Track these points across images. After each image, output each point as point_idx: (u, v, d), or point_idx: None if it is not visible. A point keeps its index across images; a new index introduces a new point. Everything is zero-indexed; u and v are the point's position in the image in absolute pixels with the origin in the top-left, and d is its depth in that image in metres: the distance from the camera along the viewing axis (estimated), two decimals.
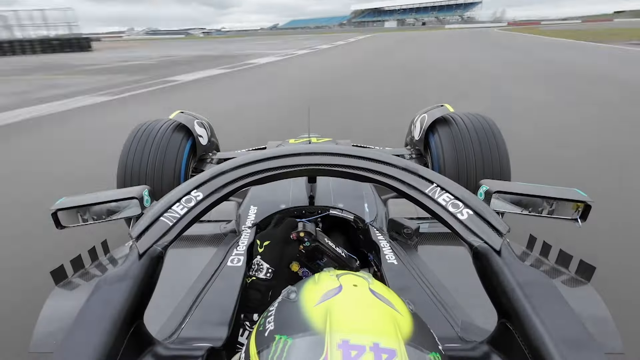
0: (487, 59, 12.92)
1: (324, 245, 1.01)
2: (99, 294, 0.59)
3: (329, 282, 0.51)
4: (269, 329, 0.46)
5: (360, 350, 0.40)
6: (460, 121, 1.78)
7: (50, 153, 4.25)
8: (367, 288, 0.51)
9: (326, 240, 1.03)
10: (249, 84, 9.03)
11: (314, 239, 1.00)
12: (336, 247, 1.04)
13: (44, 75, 12.26)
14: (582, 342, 0.50)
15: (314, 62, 14.67)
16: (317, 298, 0.48)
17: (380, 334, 0.43)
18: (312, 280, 0.53)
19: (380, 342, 0.42)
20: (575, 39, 22.41)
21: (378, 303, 0.49)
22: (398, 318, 0.47)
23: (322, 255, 1.01)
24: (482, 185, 0.81)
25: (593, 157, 3.50)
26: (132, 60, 18.51)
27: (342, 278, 0.52)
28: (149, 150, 1.70)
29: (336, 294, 0.48)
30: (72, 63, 17.41)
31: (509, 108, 5.57)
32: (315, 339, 0.42)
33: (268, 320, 0.48)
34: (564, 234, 1.42)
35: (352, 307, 0.47)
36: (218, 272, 0.96)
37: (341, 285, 0.50)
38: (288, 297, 0.50)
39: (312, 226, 1.03)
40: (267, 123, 5.21)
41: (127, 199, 0.82)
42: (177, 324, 0.78)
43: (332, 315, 0.45)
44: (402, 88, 7.66)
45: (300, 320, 0.45)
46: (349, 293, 0.49)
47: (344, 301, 0.48)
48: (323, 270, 0.58)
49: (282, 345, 0.43)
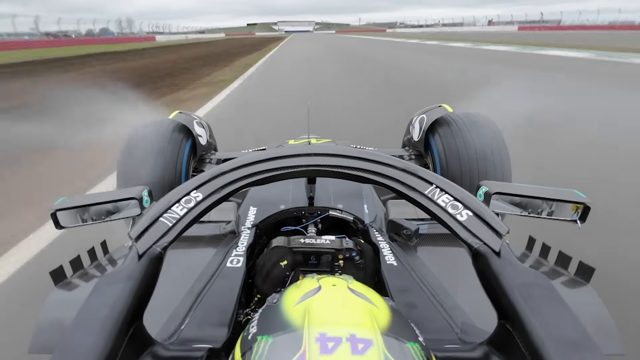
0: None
1: (302, 246, 0.99)
2: (98, 294, 0.59)
3: (310, 284, 0.54)
4: (252, 332, 0.48)
5: (337, 341, 0.42)
6: (460, 121, 1.77)
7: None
8: (345, 287, 0.53)
9: (301, 241, 1.01)
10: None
11: (287, 247, 0.99)
12: (318, 238, 1.02)
13: None
14: (582, 343, 0.50)
15: None
16: (297, 299, 0.50)
17: (356, 325, 0.45)
18: (295, 284, 0.55)
19: (356, 333, 0.43)
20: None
21: (355, 299, 0.50)
22: (375, 311, 0.49)
23: (309, 255, 1.00)
24: (481, 186, 0.81)
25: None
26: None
27: (323, 280, 0.54)
28: (149, 150, 1.70)
29: (315, 293, 0.51)
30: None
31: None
32: (294, 335, 0.44)
33: (252, 325, 0.50)
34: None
35: (330, 303, 0.49)
36: (218, 273, 0.96)
37: (320, 286, 0.52)
38: (272, 302, 0.52)
39: (284, 239, 1.01)
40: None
41: (126, 199, 0.82)
42: (176, 325, 0.78)
43: (310, 312, 0.46)
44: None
45: (280, 320, 0.47)
46: (328, 292, 0.51)
47: (322, 299, 0.49)
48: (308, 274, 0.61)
49: (264, 344, 0.44)
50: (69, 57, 21.34)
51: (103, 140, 3.58)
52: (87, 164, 3.76)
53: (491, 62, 13.69)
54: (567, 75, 9.59)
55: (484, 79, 8.65)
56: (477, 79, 8.86)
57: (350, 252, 0.99)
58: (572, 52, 16.10)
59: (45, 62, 18.04)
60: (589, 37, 31.87)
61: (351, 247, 1.00)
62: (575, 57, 14.15)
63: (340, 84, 9.27)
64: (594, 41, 23.65)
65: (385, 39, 41.86)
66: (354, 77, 10.47)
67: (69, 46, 37.74)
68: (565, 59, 13.80)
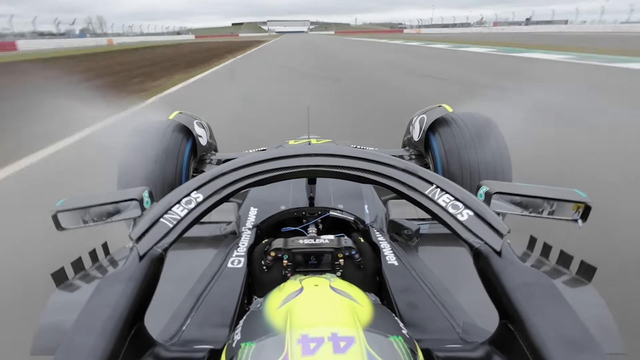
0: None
1: (301, 247, 0.99)
2: (99, 296, 0.59)
3: (291, 286, 0.54)
4: (236, 339, 0.48)
5: (319, 341, 0.42)
6: (460, 121, 1.77)
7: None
8: (327, 286, 0.53)
9: (300, 241, 1.00)
10: None
11: (286, 249, 0.99)
12: (317, 238, 1.02)
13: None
14: (584, 342, 0.50)
15: None
16: (279, 302, 0.50)
17: (338, 324, 0.45)
18: (278, 287, 0.55)
19: (338, 331, 0.43)
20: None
21: (337, 297, 0.51)
22: (357, 308, 0.49)
23: (309, 256, 1.00)
24: (482, 186, 0.81)
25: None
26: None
27: (305, 281, 0.55)
28: (149, 151, 1.69)
29: (297, 295, 0.51)
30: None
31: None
32: (277, 339, 0.44)
33: (236, 332, 0.49)
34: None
35: (312, 304, 0.49)
36: (219, 274, 0.96)
37: (302, 287, 0.52)
38: (255, 307, 0.52)
39: (282, 241, 1.01)
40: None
41: (126, 200, 0.82)
42: (178, 326, 0.78)
43: (292, 314, 0.47)
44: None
45: (263, 325, 0.47)
46: (309, 292, 0.51)
47: (304, 300, 0.50)
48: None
49: (247, 351, 0.44)
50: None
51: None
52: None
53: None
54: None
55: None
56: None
57: (350, 250, 0.99)
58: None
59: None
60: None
61: (350, 245, 1.00)
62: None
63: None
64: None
65: (422, 46, 25.54)
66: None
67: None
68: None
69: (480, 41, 29.62)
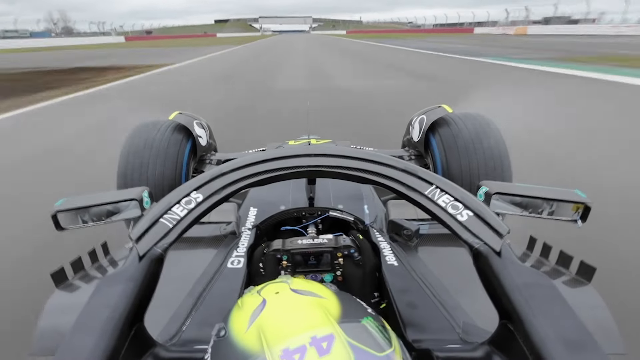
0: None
1: (300, 247, 0.99)
2: (99, 296, 0.59)
3: (252, 301, 0.51)
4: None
5: (302, 350, 0.41)
6: (460, 122, 1.78)
7: None
8: (288, 290, 0.52)
9: (299, 242, 1.00)
10: None
11: (284, 250, 0.99)
12: (315, 238, 1.02)
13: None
14: (584, 342, 0.50)
15: None
16: (245, 323, 0.47)
17: (313, 326, 0.44)
18: (237, 306, 0.52)
19: (316, 334, 0.43)
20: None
21: (302, 299, 0.50)
22: (324, 303, 0.49)
23: (308, 256, 1.00)
24: (481, 186, 0.81)
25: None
26: None
27: (263, 291, 0.53)
28: (149, 151, 1.69)
29: (262, 310, 0.48)
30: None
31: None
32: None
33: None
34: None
35: (280, 314, 0.48)
36: (218, 274, 0.96)
37: (264, 299, 0.50)
38: (218, 336, 0.49)
39: (281, 242, 1.01)
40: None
41: (126, 200, 0.82)
42: (177, 326, 0.78)
43: (264, 332, 0.45)
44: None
45: (236, 353, 0.45)
46: (273, 303, 0.50)
47: (270, 313, 0.48)
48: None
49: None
50: None
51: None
52: None
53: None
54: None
55: None
56: None
57: (349, 249, 0.99)
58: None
59: None
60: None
61: (349, 244, 1.00)
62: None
63: None
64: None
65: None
66: None
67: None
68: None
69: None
